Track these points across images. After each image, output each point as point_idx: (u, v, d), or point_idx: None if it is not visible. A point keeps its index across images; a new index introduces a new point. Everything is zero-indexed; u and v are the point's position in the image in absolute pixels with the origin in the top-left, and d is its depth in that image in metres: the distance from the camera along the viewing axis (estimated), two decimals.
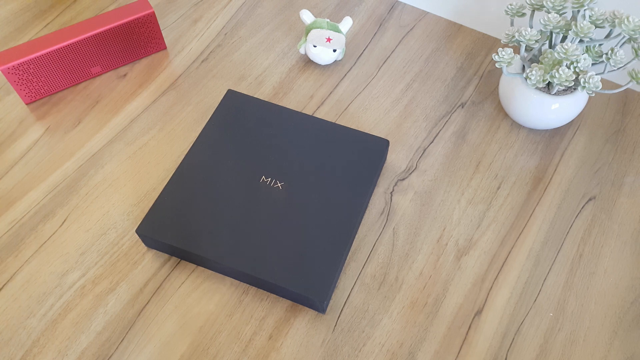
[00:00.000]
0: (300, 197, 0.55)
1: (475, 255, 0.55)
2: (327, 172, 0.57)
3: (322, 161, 0.58)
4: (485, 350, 0.50)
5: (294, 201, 0.55)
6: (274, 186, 0.56)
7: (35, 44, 0.63)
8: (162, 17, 0.76)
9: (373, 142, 0.59)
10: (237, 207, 0.55)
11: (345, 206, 0.55)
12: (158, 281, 0.53)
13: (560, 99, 0.59)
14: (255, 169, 0.57)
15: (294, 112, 0.62)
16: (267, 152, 0.59)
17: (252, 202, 0.55)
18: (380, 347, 0.50)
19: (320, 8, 0.77)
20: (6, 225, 0.57)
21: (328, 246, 0.52)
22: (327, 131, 0.60)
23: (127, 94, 0.68)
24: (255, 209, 0.55)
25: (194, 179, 0.57)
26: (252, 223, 0.54)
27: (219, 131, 0.60)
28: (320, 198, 0.55)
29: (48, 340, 0.50)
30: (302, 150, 0.59)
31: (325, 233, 0.53)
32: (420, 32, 0.74)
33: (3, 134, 0.64)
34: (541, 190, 0.60)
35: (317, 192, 0.56)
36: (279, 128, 0.61)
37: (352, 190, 0.56)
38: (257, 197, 0.55)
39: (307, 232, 0.53)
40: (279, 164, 0.58)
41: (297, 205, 0.55)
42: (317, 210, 0.55)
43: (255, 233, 0.53)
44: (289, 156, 0.58)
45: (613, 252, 0.56)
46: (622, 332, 0.51)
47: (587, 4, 0.55)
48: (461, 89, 0.68)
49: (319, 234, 0.53)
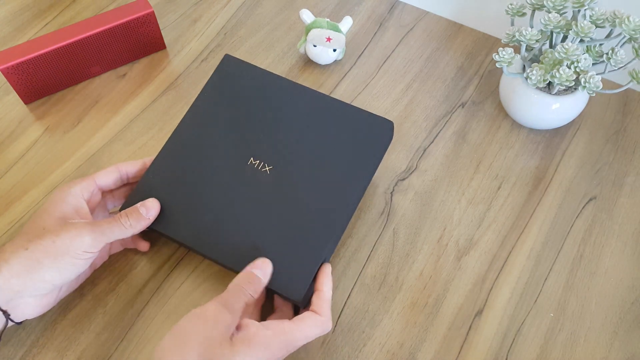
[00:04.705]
0: (288, 183, 0.52)
1: (476, 256, 0.55)
2: (323, 156, 0.53)
3: (318, 142, 0.53)
4: (485, 351, 0.50)
5: (281, 188, 0.51)
6: (261, 170, 0.52)
7: (34, 44, 0.63)
8: (162, 16, 0.76)
9: (377, 123, 0.54)
10: (220, 191, 0.52)
11: (337, 196, 0.51)
12: (158, 281, 0.53)
13: (560, 99, 0.59)
14: (244, 150, 0.53)
15: (293, 83, 0.57)
16: (259, 130, 0.54)
17: (236, 187, 0.52)
18: (380, 348, 0.50)
19: (320, 8, 0.76)
20: (6, 225, 0.57)
21: (313, 239, 0.49)
22: (327, 107, 0.55)
23: (126, 94, 0.68)
24: (238, 195, 0.52)
25: (179, 158, 0.54)
26: (232, 210, 0.51)
27: (212, 104, 0.57)
28: (311, 184, 0.51)
29: (47, 340, 0.50)
30: (297, 128, 0.54)
31: (311, 224, 0.50)
32: (421, 32, 0.74)
33: (2, 134, 0.64)
34: (542, 190, 0.60)
35: (308, 178, 0.52)
36: (275, 101, 0.56)
37: (348, 178, 0.51)
38: (242, 182, 0.52)
39: (291, 223, 0.50)
40: (269, 143, 0.53)
41: (283, 192, 0.51)
42: (306, 198, 0.51)
43: (233, 221, 0.51)
44: (281, 135, 0.54)
45: (614, 252, 0.55)
46: (623, 333, 0.51)
47: (588, 4, 0.54)
48: (461, 88, 0.68)
49: (303, 225, 0.50)
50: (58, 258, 0.45)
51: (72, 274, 0.47)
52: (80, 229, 0.46)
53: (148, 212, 0.50)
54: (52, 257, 0.45)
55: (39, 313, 0.48)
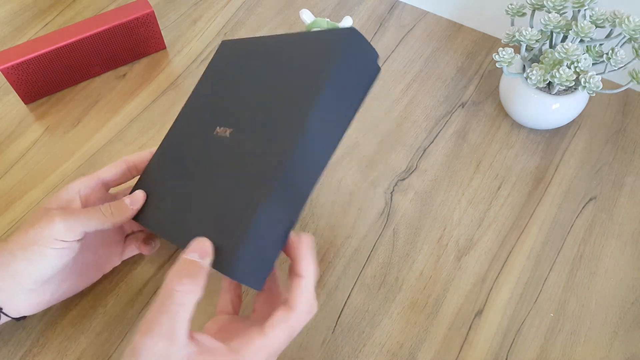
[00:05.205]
0: (245, 139, 0.43)
1: (476, 256, 0.55)
2: (275, 100, 0.43)
3: (281, 84, 0.43)
4: (485, 351, 0.50)
5: (238, 149, 0.43)
6: (221, 136, 0.45)
7: (34, 44, 0.63)
8: (162, 16, 0.76)
9: (338, 37, 0.40)
10: (186, 166, 0.47)
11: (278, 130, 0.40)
12: (158, 281, 0.53)
13: (560, 99, 0.59)
14: (214, 118, 0.47)
15: (276, 36, 0.48)
16: (230, 95, 0.48)
17: (199, 159, 0.46)
18: (380, 348, 0.50)
19: (320, 8, 0.76)
20: (5, 225, 0.57)
21: (247, 184, 0.39)
22: (292, 43, 0.45)
23: (126, 94, 0.68)
24: (199, 167, 0.46)
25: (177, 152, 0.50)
26: (192, 184, 0.45)
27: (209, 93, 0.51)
28: (261, 127, 0.42)
29: (47, 340, 0.50)
30: (263, 80, 0.45)
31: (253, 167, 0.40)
32: (421, 32, 0.74)
33: (2, 134, 0.64)
34: (542, 190, 0.60)
35: (264, 129, 0.42)
36: (255, 65, 0.48)
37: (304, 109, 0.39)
38: (205, 152, 0.46)
39: (233, 179, 0.41)
40: (235, 104, 0.46)
41: (239, 151, 0.43)
42: (257, 144, 0.41)
43: (189, 196, 0.44)
44: (245, 92, 0.46)
45: (614, 252, 0.55)
46: (623, 333, 0.51)
47: (588, 4, 0.54)
48: (461, 88, 0.68)
49: (243, 175, 0.40)
50: (27, 248, 0.42)
51: (50, 263, 0.43)
52: (52, 217, 0.43)
53: (133, 203, 0.47)
54: (22, 247, 0.42)
55: (34, 309, 0.46)
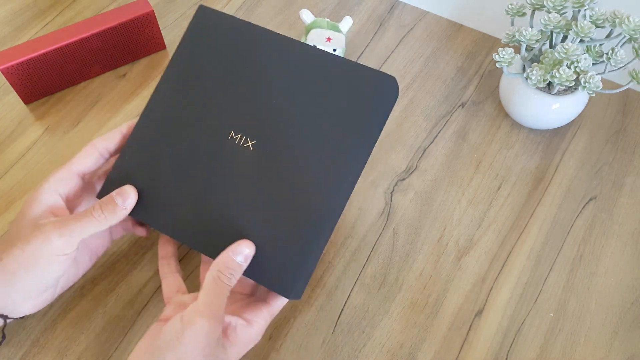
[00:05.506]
0: (275, 158, 0.44)
1: (476, 256, 0.55)
2: (314, 123, 0.45)
3: (308, 107, 0.45)
4: (485, 351, 0.50)
5: (267, 165, 0.44)
6: (243, 145, 0.45)
7: (34, 44, 0.63)
8: (162, 16, 0.76)
9: (378, 80, 0.44)
10: (198, 173, 0.46)
11: (333, 171, 0.43)
12: (158, 281, 0.53)
13: (560, 99, 0.59)
14: (224, 122, 0.47)
15: (279, 36, 0.49)
16: (241, 96, 0.47)
17: (214, 166, 0.46)
18: (380, 348, 0.50)
19: (320, 8, 0.76)
20: (6, 225, 0.57)
21: (305, 224, 0.43)
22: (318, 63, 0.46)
23: (126, 94, 0.68)
24: (217, 175, 0.46)
25: (153, 136, 0.48)
26: (212, 195, 0.45)
27: (187, 69, 0.49)
28: (301, 158, 0.44)
29: (47, 340, 0.50)
30: (283, 91, 0.46)
31: (304, 206, 0.43)
32: (421, 32, 0.74)
33: (2, 134, 0.64)
34: (542, 190, 0.60)
35: (298, 150, 0.44)
36: (258, 60, 0.48)
37: (345, 149, 0.43)
38: (222, 160, 0.46)
39: (277, 205, 0.44)
40: (254, 112, 0.46)
41: (269, 170, 0.44)
42: (296, 176, 0.44)
43: (213, 207, 0.45)
44: (267, 101, 0.46)
45: (614, 252, 0.55)
46: (623, 332, 0.51)
47: (588, 4, 0.55)
48: (461, 88, 0.68)
49: (292, 209, 0.43)
50: (30, 267, 0.42)
51: (55, 275, 0.44)
52: (47, 233, 0.42)
53: (124, 201, 0.45)
54: (24, 267, 0.42)
55: (38, 309, 0.46)
